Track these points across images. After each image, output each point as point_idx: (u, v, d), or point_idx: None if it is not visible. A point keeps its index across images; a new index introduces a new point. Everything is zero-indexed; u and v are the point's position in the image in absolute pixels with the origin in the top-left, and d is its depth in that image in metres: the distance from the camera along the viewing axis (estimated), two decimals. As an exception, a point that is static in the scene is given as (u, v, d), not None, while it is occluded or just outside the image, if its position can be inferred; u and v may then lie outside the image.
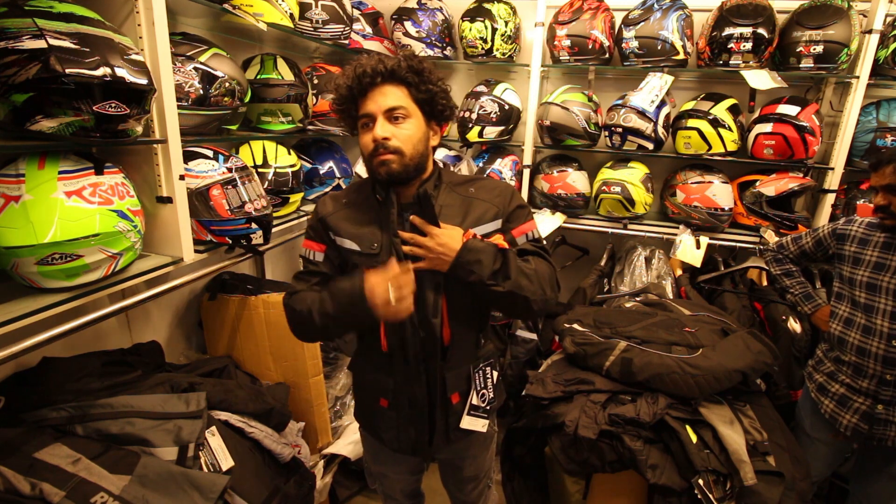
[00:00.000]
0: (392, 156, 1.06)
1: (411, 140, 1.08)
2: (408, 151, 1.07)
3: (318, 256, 1.20)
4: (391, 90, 1.07)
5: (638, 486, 1.57)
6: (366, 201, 1.19)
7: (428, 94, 1.09)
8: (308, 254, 1.22)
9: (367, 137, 1.08)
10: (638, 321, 1.72)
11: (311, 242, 1.22)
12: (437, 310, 1.14)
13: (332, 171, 2.21)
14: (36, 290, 1.09)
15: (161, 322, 1.77)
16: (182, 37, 1.48)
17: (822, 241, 1.61)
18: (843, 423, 1.50)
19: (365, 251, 1.14)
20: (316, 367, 1.80)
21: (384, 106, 1.06)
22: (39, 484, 0.96)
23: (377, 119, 1.06)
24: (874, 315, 1.42)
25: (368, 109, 1.07)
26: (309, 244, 1.22)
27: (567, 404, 1.54)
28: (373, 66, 1.05)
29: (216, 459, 1.24)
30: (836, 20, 1.90)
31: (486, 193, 1.18)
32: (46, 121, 0.96)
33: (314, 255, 1.21)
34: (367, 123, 1.09)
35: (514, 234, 1.18)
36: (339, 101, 1.11)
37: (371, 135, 1.07)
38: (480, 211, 1.15)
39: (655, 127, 2.12)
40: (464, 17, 2.34)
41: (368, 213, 1.17)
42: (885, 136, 1.95)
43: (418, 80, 1.08)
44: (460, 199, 1.17)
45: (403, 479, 1.47)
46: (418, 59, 1.09)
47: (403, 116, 1.07)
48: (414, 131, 1.09)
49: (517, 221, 1.19)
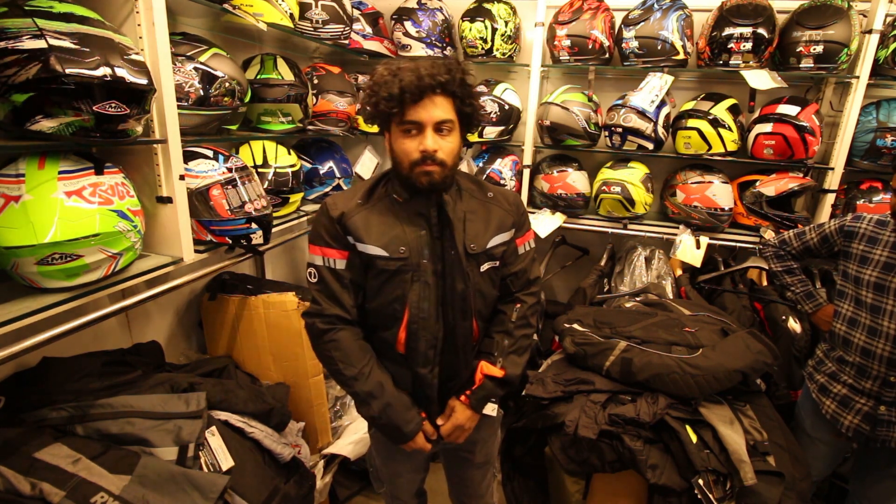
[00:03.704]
0: (437, 167, 1.08)
1: (454, 153, 1.12)
2: (450, 163, 1.11)
3: (339, 264, 1.15)
4: (442, 102, 1.07)
5: (638, 486, 1.57)
6: (380, 203, 1.16)
7: (471, 109, 1.12)
8: (325, 262, 1.15)
9: (411, 145, 1.07)
10: (638, 321, 1.72)
11: (327, 249, 1.15)
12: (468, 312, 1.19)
13: (332, 171, 2.21)
14: (36, 290, 1.09)
15: (161, 322, 1.77)
16: (182, 37, 1.48)
17: (828, 237, 1.57)
18: (845, 423, 1.49)
19: (393, 255, 1.12)
20: (316, 367, 1.80)
21: (436, 118, 1.06)
22: (39, 484, 0.96)
23: (426, 130, 1.07)
24: (881, 316, 1.40)
25: (419, 118, 1.06)
26: (325, 251, 1.15)
27: (567, 404, 1.54)
28: (432, 74, 1.04)
29: (216, 459, 1.24)
30: (836, 20, 1.90)
31: (502, 200, 1.24)
32: (46, 121, 0.96)
33: (334, 263, 1.15)
34: (411, 130, 1.08)
35: (517, 242, 1.27)
36: (388, 100, 1.05)
37: (417, 143, 1.07)
38: (500, 218, 1.22)
39: (655, 127, 2.12)
40: (464, 17, 2.34)
41: (387, 216, 1.15)
42: (885, 136, 1.95)
43: (465, 94, 1.10)
44: (481, 205, 1.21)
45: (413, 477, 1.48)
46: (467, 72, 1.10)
47: (448, 130, 1.09)
48: (456, 144, 1.12)
49: (522, 230, 1.28)
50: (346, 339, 1.16)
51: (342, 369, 1.15)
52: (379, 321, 1.20)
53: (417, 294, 1.14)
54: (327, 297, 1.16)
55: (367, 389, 1.15)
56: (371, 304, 1.19)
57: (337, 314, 1.16)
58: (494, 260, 1.22)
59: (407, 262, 1.12)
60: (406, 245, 1.12)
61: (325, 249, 1.15)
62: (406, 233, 1.13)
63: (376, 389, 1.16)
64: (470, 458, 1.43)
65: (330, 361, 1.17)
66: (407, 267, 1.12)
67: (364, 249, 1.13)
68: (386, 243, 1.12)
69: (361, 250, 1.13)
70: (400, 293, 1.14)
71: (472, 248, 1.16)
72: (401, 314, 1.15)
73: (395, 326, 1.17)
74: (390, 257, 1.12)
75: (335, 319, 1.16)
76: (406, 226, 1.14)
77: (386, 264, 1.12)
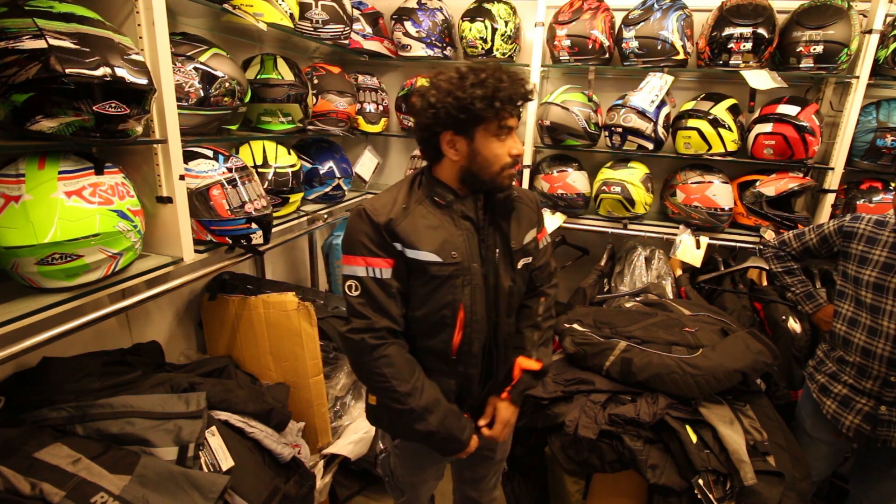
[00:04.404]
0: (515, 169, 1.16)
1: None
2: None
3: (385, 273, 1.10)
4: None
5: (638, 486, 1.57)
6: (420, 207, 1.13)
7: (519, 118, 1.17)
8: (370, 272, 1.09)
9: (502, 148, 1.10)
10: (638, 321, 1.73)
11: (371, 258, 1.09)
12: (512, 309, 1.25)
13: (331, 171, 2.21)
14: (36, 290, 1.09)
15: (161, 322, 1.77)
16: (182, 37, 1.48)
17: (827, 237, 1.57)
18: (846, 424, 1.48)
19: (447, 261, 1.11)
20: (316, 367, 1.80)
21: (517, 125, 1.13)
22: (39, 484, 0.96)
23: (513, 134, 1.12)
24: (880, 316, 1.40)
25: (513, 123, 1.11)
26: (369, 261, 1.09)
27: (567, 404, 1.54)
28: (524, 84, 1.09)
29: (216, 459, 1.24)
30: (836, 20, 1.90)
31: (526, 198, 1.28)
32: (46, 121, 0.96)
33: (380, 273, 1.09)
34: (501, 135, 1.10)
35: (538, 237, 1.32)
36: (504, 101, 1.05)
37: (507, 147, 1.11)
38: (528, 216, 1.26)
39: (655, 127, 2.12)
40: (464, 17, 2.34)
41: (430, 220, 1.12)
42: (885, 136, 1.95)
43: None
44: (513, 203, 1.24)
45: (434, 483, 1.50)
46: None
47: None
48: None
49: (541, 226, 1.33)
50: (397, 353, 1.12)
51: (395, 386, 1.09)
52: (423, 329, 1.17)
53: (470, 297, 1.14)
54: (374, 310, 1.10)
55: (424, 404, 1.11)
56: (417, 312, 1.15)
57: (387, 327, 1.11)
58: (528, 256, 1.26)
59: (459, 266, 1.11)
60: (457, 249, 1.11)
61: (370, 259, 1.09)
62: (454, 236, 1.12)
63: (432, 403, 1.13)
64: (490, 455, 1.43)
65: (380, 379, 1.10)
66: (459, 271, 1.12)
67: (415, 256, 1.09)
68: (437, 248, 1.10)
69: (412, 257, 1.10)
70: (451, 298, 1.12)
71: (514, 246, 1.20)
72: (450, 320, 1.14)
73: (444, 332, 1.15)
74: (444, 263, 1.10)
75: (386, 333, 1.11)
76: (453, 229, 1.13)
77: (439, 270, 1.10)
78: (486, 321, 1.18)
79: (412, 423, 1.12)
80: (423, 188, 1.16)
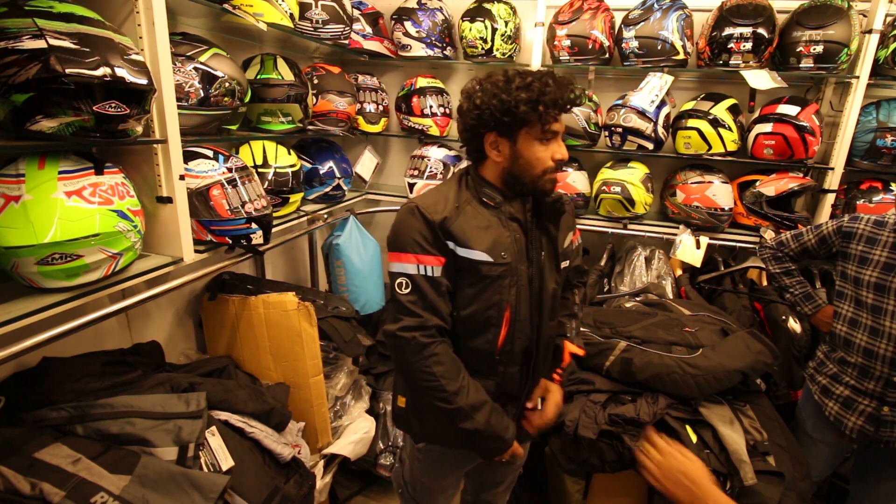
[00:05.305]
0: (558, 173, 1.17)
1: None
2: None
3: (436, 271, 1.10)
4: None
5: (638, 486, 1.57)
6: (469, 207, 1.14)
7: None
8: (421, 270, 1.09)
9: (545, 152, 1.11)
10: (638, 321, 1.73)
11: (423, 256, 1.09)
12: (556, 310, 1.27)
13: (332, 171, 2.21)
14: (36, 290, 1.09)
15: (161, 322, 1.77)
16: (182, 37, 1.48)
17: (826, 238, 1.56)
18: (849, 425, 1.47)
19: (497, 261, 1.12)
20: (316, 367, 1.80)
21: (562, 129, 1.14)
22: (39, 484, 0.96)
23: (558, 139, 1.13)
24: (882, 317, 1.39)
25: (558, 128, 1.12)
26: (421, 258, 1.09)
27: (567, 404, 1.54)
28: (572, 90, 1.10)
29: (216, 459, 1.24)
30: (836, 20, 1.90)
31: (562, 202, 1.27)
32: (46, 121, 0.96)
33: (432, 271, 1.10)
34: (547, 139, 1.11)
35: (573, 239, 1.34)
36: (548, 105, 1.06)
37: (550, 151, 1.12)
38: (567, 219, 1.28)
39: (655, 127, 2.12)
40: (464, 17, 2.34)
41: (480, 220, 1.13)
42: (885, 136, 1.94)
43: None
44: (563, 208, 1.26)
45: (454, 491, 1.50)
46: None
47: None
48: None
49: (575, 227, 1.36)
50: (446, 352, 1.12)
51: (445, 385, 1.09)
52: (468, 329, 1.17)
53: (516, 298, 1.15)
54: (425, 308, 1.10)
55: (471, 402, 1.11)
56: (463, 311, 1.15)
57: (438, 325, 1.11)
58: (568, 259, 1.28)
59: (509, 266, 1.13)
60: (506, 250, 1.13)
61: (421, 256, 1.09)
62: (504, 237, 1.14)
63: (479, 402, 1.12)
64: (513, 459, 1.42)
65: (429, 378, 1.09)
66: (508, 272, 1.13)
67: (467, 255, 1.10)
68: (488, 248, 1.11)
69: (464, 256, 1.10)
70: (498, 298, 1.14)
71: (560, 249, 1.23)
72: (496, 320, 1.15)
73: (489, 332, 1.16)
74: (494, 262, 1.11)
75: (436, 332, 1.11)
76: (502, 230, 1.14)
77: (490, 270, 1.11)
78: (529, 323, 1.19)
79: (458, 422, 1.11)
80: (471, 189, 1.17)
